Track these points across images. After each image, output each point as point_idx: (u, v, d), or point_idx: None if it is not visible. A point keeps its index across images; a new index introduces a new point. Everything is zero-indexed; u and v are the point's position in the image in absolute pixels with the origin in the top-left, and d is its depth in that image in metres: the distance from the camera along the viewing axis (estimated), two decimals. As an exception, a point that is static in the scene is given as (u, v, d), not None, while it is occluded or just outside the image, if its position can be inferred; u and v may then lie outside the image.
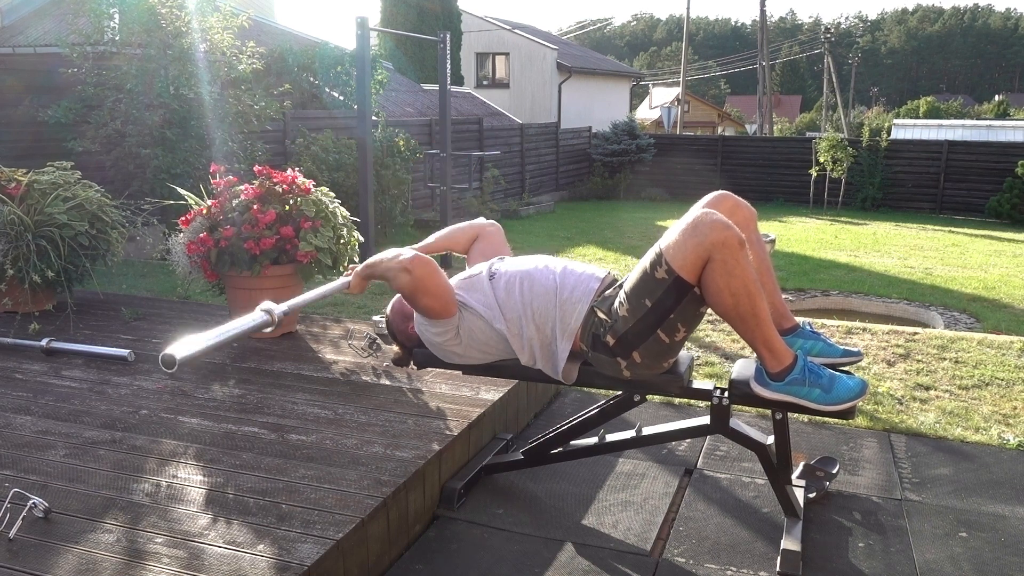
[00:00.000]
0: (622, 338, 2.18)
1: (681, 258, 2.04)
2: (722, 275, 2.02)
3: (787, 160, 18.13)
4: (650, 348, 2.18)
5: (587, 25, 75.04)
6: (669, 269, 2.06)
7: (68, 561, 1.94)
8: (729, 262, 2.01)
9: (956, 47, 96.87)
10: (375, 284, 5.60)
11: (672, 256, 2.06)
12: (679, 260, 2.05)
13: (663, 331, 2.14)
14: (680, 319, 2.13)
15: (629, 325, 2.16)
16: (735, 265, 2.01)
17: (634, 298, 2.15)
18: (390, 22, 19.74)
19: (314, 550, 1.99)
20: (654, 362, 2.22)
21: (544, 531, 2.44)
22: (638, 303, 2.14)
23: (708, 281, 2.05)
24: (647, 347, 2.18)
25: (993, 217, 15.86)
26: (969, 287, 8.49)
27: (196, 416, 2.87)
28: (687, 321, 2.15)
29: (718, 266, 2.02)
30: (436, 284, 2.31)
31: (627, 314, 2.16)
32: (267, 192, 3.74)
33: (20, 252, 3.93)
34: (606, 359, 2.24)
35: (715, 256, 2.01)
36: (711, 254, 2.01)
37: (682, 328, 2.15)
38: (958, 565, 2.29)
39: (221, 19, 7.23)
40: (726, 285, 2.03)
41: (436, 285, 2.31)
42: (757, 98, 37.48)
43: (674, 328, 2.14)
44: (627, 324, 2.16)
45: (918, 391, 3.61)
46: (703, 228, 2.02)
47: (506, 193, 15.26)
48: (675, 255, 2.05)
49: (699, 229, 2.03)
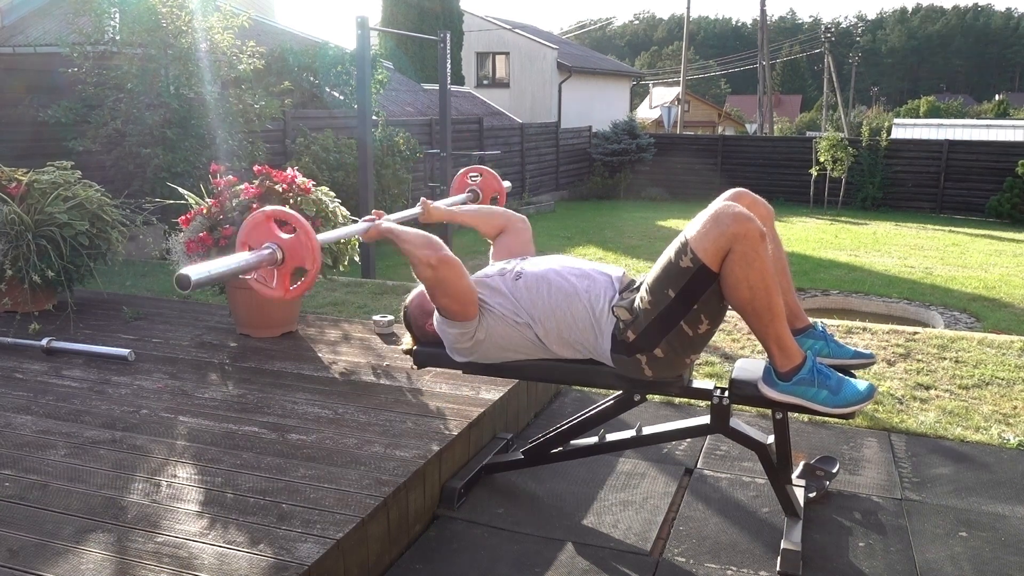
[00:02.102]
0: (644, 332, 2.17)
1: (704, 247, 2.04)
2: (741, 266, 2.02)
3: (787, 160, 18.13)
4: (672, 342, 2.16)
5: (588, 25, 75.03)
6: (694, 257, 2.06)
7: (68, 561, 1.94)
8: (749, 254, 2.01)
9: (956, 47, 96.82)
10: (374, 286, 5.60)
11: (696, 245, 2.06)
12: (703, 249, 2.04)
13: (686, 323, 2.13)
14: (704, 310, 2.12)
15: (651, 318, 2.15)
16: (755, 257, 2.01)
17: (657, 289, 2.14)
18: (391, 22, 19.74)
19: (314, 550, 1.99)
20: (676, 357, 2.21)
21: (544, 531, 2.44)
22: (662, 294, 2.13)
23: (727, 272, 2.05)
24: (669, 340, 2.16)
25: (993, 217, 15.86)
26: (969, 287, 8.49)
27: (196, 416, 2.87)
28: (711, 313, 2.14)
29: (738, 257, 2.02)
30: (458, 287, 2.28)
31: (649, 306, 2.15)
32: (267, 191, 3.74)
33: (20, 252, 3.93)
34: (626, 359, 2.23)
35: (735, 247, 2.01)
36: (732, 245, 2.01)
37: (705, 320, 2.14)
38: (958, 565, 2.29)
39: (222, 19, 7.23)
40: (744, 277, 2.03)
41: (458, 289, 2.29)
42: (757, 98, 37.48)
43: (697, 320, 2.13)
44: (649, 317, 2.15)
45: (918, 391, 3.61)
46: (725, 219, 2.02)
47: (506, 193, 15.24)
48: (699, 244, 2.05)
49: (721, 220, 2.03)
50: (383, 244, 9.67)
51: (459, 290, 2.29)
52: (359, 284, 5.51)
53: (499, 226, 2.72)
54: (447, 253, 2.28)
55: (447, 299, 2.30)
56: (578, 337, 2.29)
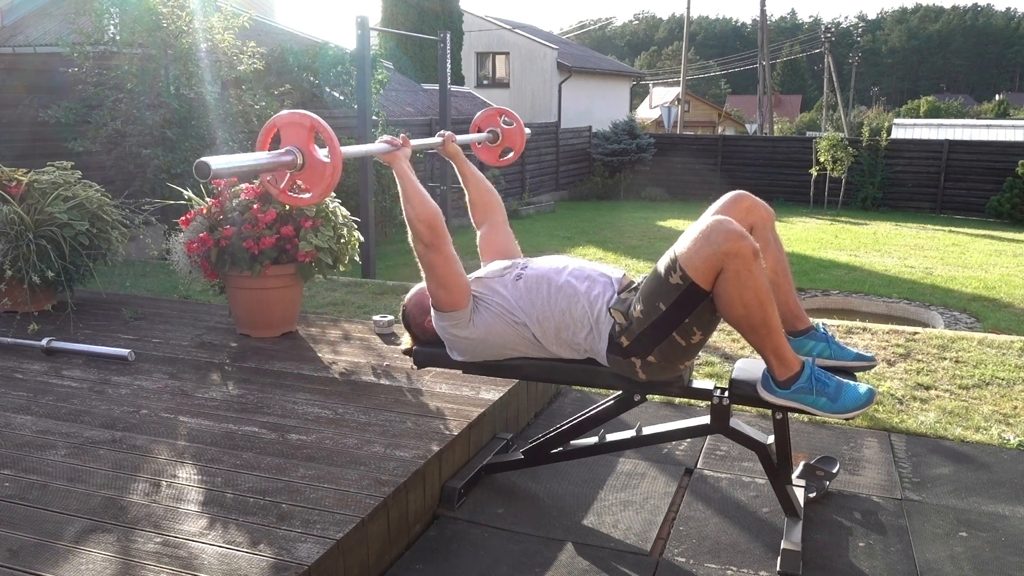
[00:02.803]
0: (637, 339, 2.17)
1: (695, 266, 2.02)
2: (734, 286, 2.00)
3: (787, 160, 18.14)
4: (665, 350, 2.17)
5: (588, 25, 75.02)
6: (684, 275, 2.04)
7: (68, 561, 1.94)
8: (742, 273, 1.99)
9: (956, 47, 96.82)
10: (374, 286, 5.59)
11: (686, 263, 2.04)
12: (693, 267, 2.03)
13: (678, 334, 2.13)
14: (695, 323, 2.12)
15: (644, 327, 2.15)
16: (748, 276, 1.99)
17: (649, 301, 2.13)
18: (391, 22, 19.74)
19: (314, 550, 1.99)
20: (669, 364, 2.21)
21: (544, 531, 2.44)
22: (653, 306, 2.12)
23: (720, 291, 2.03)
24: (662, 349, 2.16)
25: (993, 217, 15.87)
26: (969, 287, 8.49)
27: (196, 416, 2.87)
28: (703, 326, 2.14)
29: (731, 276, 2.00)
30: (446, 273, 2.31)
31: (642, 316, 2.15)
32: (267, 191, 3.74)
33: (20, 252, 3.92)
34: (621, 360, 2.24)
35: (728, 266, 1.99)
36: (724, 264, 1.99)
37: (698, 332, 2.14)
38: (958, 565, 2.29)
39: (223, 19, 7.23)
40: (738, 296, 2.01)
41: (446, 274, 2.31)
42: (757, 98, 37.47)
43: (690, 332, 2.13)
44: (642, 326, 2.15)
45: (918, 391, 3.61)
46: (716, 237, 1.99)
47: (506, 193, 15.25)
48: (689, 262, 2.03)
49: (712, 238, 2.00)
50: (384, 245, 9.61)
51: (447, 276, 2.31)
52: (359, 284, 5.52)
53: (486, 207, 2.74)
54: (442, 239, 2.30)
55: (433, 283, 2.33)
56: (576, 338, 2.29)
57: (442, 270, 2.31)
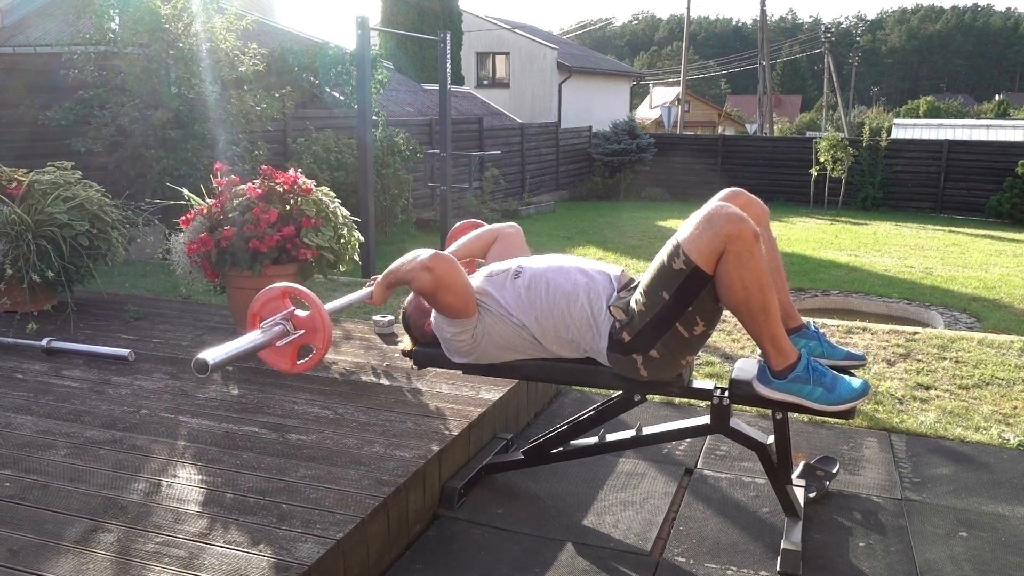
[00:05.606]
0: (640, 333, 2.17)
1: (698, 249, 2.04)
2: (735, 267, 2.02)
3: (787, 160, 18.14)
4: (668, 343, 2.17)
5: (588, 25, 74.99)
6: (687, 260, 2.06)
7: (69, 561, 1.94)
8: (744, 254, 2.01)
9: (956, 47, 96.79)
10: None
11: (689, 247, 2.06)
12: (696, 251, 2.05)
13: (681, 325, 2.14)
14: (698, 312, 2.12)
15: (647, 320, 2.15)
16: (749, 258, 2.02)
17: (652, 292, 2.14)
18: (390, 22, 19.74)
19: (314, 550, 1.99)
20: (672, 358, 2.21)
21: (544, 531, 2.44)
22: (656, 296, 2.13)
23: (722, 273, 2.05)
24: (665, 342, 2.17)
25: (993, 217, 15.87)
26: (969, 287, 8.49)
27: (196, 416, 2.87)
28: (706, 315, 2.14)
29: (732, 258, 2.02)
30: (457, 282, 2.30)
31: (644, 308, 2.15)
32: (268, 191, 3.74)
33: (20, 252, 3.93)
34: (622, 358, 2.24)
35: (729, 248, 2.01)
36: (726, 246, 2.02)
37: (700, 322, 2.15)
38: (958, 565, 2.29)
39: (225, 21, 7.23)
40: (739, 277, 2.03)
41: (457, 283, 2.30)
42: (757, 98, 37.48)
43: (692, 321, 2.14)
44: (644, 319, 2.15)
45: (918, 391, 3.61)
46: (718, 220, 2.02)
47: (506, 193, 15.27)
48: (692, 246, 2.06)
49: (714, 221, 2.03)
50: (384, 245, 9.63)
51: (457, 284, 2.31)
52: (359, 284, 5.52)
53: (489, 241, 2.76)
54: (437, 251, 2.32)
55: (449, 295, 2.31)
56: (576, 336, 2.29)
57: (452, 280, 2.30)
